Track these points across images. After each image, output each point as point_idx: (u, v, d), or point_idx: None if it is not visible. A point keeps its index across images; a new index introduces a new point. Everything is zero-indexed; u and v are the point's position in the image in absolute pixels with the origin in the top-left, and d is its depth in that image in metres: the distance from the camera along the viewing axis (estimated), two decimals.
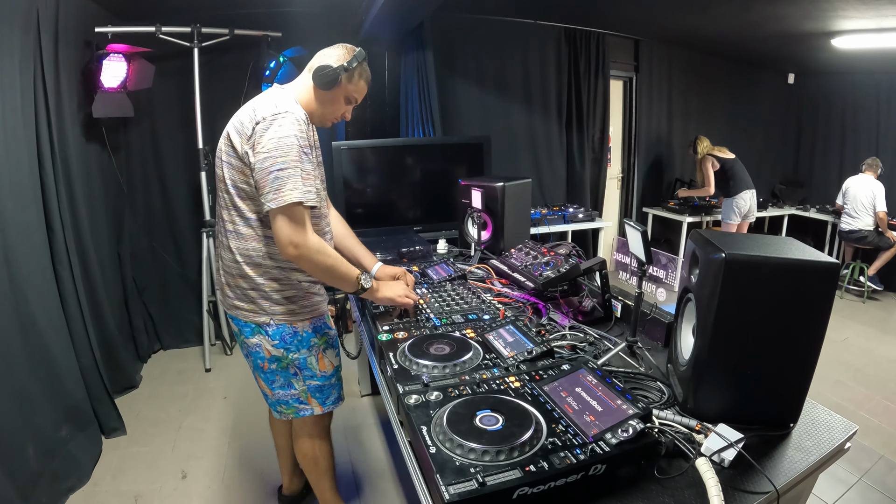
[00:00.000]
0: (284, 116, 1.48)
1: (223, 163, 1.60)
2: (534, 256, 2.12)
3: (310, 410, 1.80)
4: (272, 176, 1.44)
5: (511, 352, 1.40)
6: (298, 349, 1.71)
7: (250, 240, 1.61)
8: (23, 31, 2.38)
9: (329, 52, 1.64)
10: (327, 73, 1.58)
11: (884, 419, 3.00)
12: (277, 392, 1.77)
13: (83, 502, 2.28)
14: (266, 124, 1.47)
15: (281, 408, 1.81)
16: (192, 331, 3.89)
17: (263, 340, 1.68)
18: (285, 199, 1.44)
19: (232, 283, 1.67)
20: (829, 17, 4.07)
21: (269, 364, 1.72)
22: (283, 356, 1.70)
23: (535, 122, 4.99)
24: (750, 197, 5.05)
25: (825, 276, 1.14)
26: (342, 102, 1.68)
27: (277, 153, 1.45)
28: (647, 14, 4.60)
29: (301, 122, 1.51)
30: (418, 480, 1.10)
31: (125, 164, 3.62)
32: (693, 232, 1.37)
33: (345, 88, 1.65)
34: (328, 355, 1.79)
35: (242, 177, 1.55)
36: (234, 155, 1.54)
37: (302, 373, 1.74)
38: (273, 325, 1.66)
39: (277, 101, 1.52)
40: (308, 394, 1.78)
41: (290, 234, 1.47)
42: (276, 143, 1.45)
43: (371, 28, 3.59)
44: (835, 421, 1.29)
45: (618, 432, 1.00)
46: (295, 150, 1.46)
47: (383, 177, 3.65)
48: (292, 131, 1.47)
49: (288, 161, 1.45)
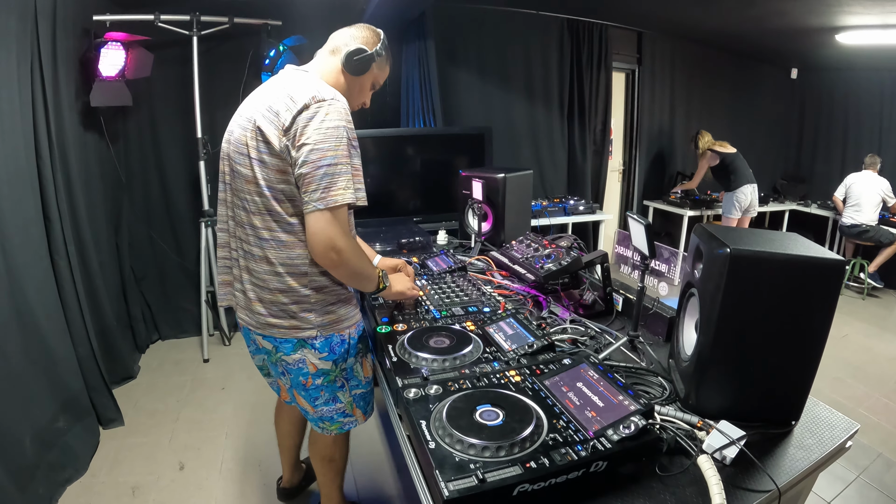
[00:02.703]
0: (331, 104, 1.32)
1: (253, 161, 1.38)
2: (535, 249, 2.11)
3: (354, 423, 1.70)
4: (321, 171, 1.28)
5: (511, 345, 1.39)
6: (346, 358, 1.58)
7: (294, 247, 1.41)
8: (20, 18, 2.34)
9: (354, 33, 1.52)
10: (363, 58, 1.48)
11: (883, 417, 2.99)
12: (321, 409, 1.63)
13: (80, 493, 2.28)
14: (311, 112, 1.30)
15: (324, 424, 1.68)
16: (190, 321, 3.88)
17: (308, 355, 1.52)
18: (337, 199, 1.29)
19: (267, 299, 1.46)
20: (834, 12, 4.03)
21: (314, 379, 1.56)
22: (332, 368, 1.56)
23: (537, 113, 4.97)
24: (751, 191, 5.03)
25: (831, 274, 1.13)
26: (368, 88, 1.60)
27: (326, 145, 1.29)
28: (651, 6, 4.57)
29: (347, 111, 1.36)
30: (417, 475, 1.09)
31: (123, 154, 3.59)
32: (697, 226, 1.35)
33: (373, 74, 1.56)
34: (369, 359, 1.71)
35: (281, 176, 1.35)
36: (269, 151, 1.34)
37: (349, 383, 1.63)
38: (320, 336, 1.50)
39: (319, 87, 1.35)
40: (353, 405, 1.67)
41: (335, 238, 1.31)
42: (325, 135, 1.29)
43: (372, 17, 3.55)
44: (836, 419, 1.28)
45: (619, 428, 0.99)
46: (345, 142, 1.31)
47: (384, 167, 3.62)
48: (341, 121, 1.32)
49: (339, 156, 1.30)
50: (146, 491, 2.31)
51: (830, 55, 5.50)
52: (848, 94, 6.22)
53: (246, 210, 1.44)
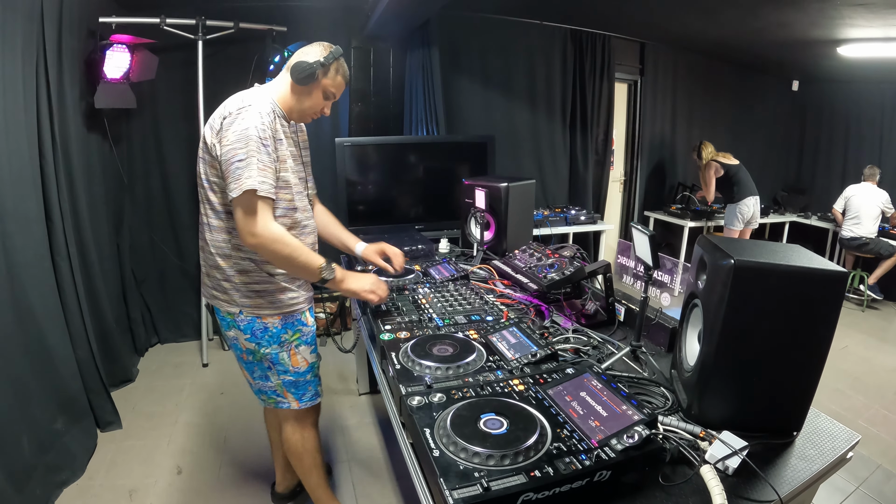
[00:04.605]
0: (247, 110, 1.54)
1: (199, 159, 1.67)
2: (538, 258, 2.11)
3: (287, 404, 1.87)
4: (233, 166, 1.50)
5: (515, 354, 1.39)
6: (270, 344, 1.75)
7: (220, 231, 1.67)
8: (27, 18, 2.35)
9: (307, 49, 1.70)
10: (304, 69, 1.64)
11: (882, 428, 2.99)
12: (258, 382, 1.85)
13: (77, 496, 2.27)
14: (231, 118, 1.54)
15: (263, 396, 1.89)
16: (189, 325, 3.88)
17: (238, 334, 1.74)
18: (242, 186, 1.49)
19: (210, 273, 1.74)
20: (836, 24, 4.06)
21: (247, 356, 1.79)
22: (255, 350, 1.75)
23: (539, 122, 4.98)
24: (753, 203, 5.03)
25: (833, 285, 1.14)
26: (321, 98, 1.73)
27: (238, 144, 1.51)
28: (654, 17, 4.59)
29: (263, 115, 1.55)
30: (420, 483, 1.09)
31: (126, 156, 3.59)
32: (700, 237, 1.36)
33: (322, 84, 1.69)
34: (301, 352, 1.81)
35: (213, 170, 1.62)
36: (206, 149, 1.62)
37: (275, 367, 1.79)
38: (243, 318, 1.71)
39: (244, 97, 1.59)
40: (283, 388, 1.83)
41: (247, 223, 1.52)
42: (238, 136, 1.51)
43: (377, 25, 3.58)
44: (837, 430, 1.28)
45: (623, 438, 0.99)
46: (253, 140, 1.51)
47: (386, 174, 3.63)
48: (252, 123, 1.52)
49: (248, 151, 1.50)
50: (143, 494, 2.30)
51: (832, 67, 5.53)
52: (848, 106, 6.26)
53: (200, 200, 1.73)
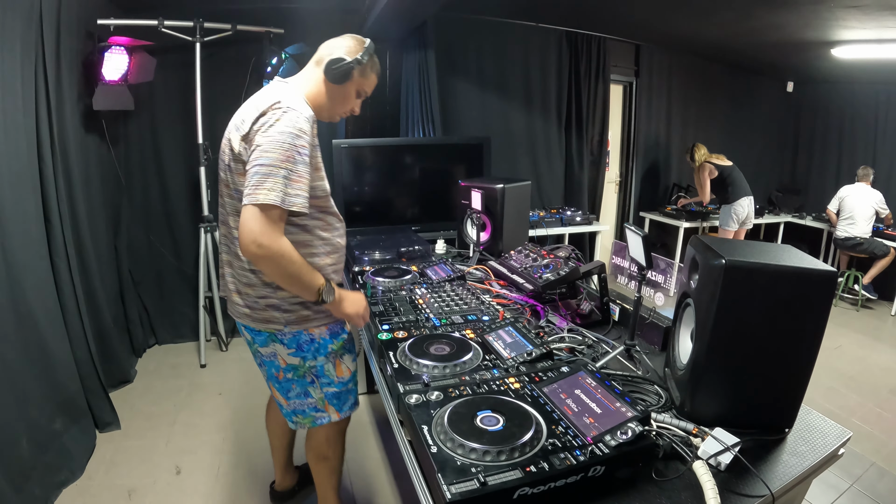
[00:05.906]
0: (286, 112, 1.39)
1: (226, 166, 1.52)
2: (533, 258, 2.13)
3: (327, 418, 1.75)
4: (254, 170, 1.35)
5: (511, 353, 1.41)
6: (315, 356, 1.64)
7: None
8: (25, 20, 2.36)
9: (338, 43, 1.57)
10: (341, 67, 1.51)
11: (876, 426, 3.02)
12: (293, 402, 1.72)
13: (76, 496, 2.28)
14: (266, 118, 1.39)
15: (297, 418, 1.75)
16: (187, 326, 3.88)
17: (279, 349, 1.61)
18: (259, 198, 1.32)
19: (242, 291, 1.59)
20: (830, 26, 4.09)
21: (285, 373, 1.66)
22: (300, 364, 1.64)
23: (535, 124, 5.00)
24: (748, 204, 5.07)
25: (823, 284, 1.16)
26: (353, 97, 1.63)
27: (268, 148, 1.35)
28: (649, 19, 4.62)
29: (304, 121, 1.41)
30: (418, 479, 1.11)
31: (124, 157, 3.60)
32: (693, 238, 1.38)
33: (357, 82, 1.59)
34: (346, 360, 1.73)
35: (243, 179, 1.42)
36: (233, 157, 1.47)
37: (319, 380, 1.68)
38: (288, 332, 1.58)
39: (282, 97, 1.43)
40: (325, 401, 1.72)
41: (259, 232, 1.34)
42: (270, 139, 1.36)
43: (374, 26, 3.59)
44: (829, 427, 1.30)
45: (617, 434, 1.01)
46: (285, 148, 1.36)
47: (382, 176, 3.64)
48: (290, 129, 1.37)
49: (276, 159, 1.34)
50: (142, 494, 2.31)
51: (826, 68, 5.57)
52: (843, 107, 6.30)
53: (225, 211, 1.59)
